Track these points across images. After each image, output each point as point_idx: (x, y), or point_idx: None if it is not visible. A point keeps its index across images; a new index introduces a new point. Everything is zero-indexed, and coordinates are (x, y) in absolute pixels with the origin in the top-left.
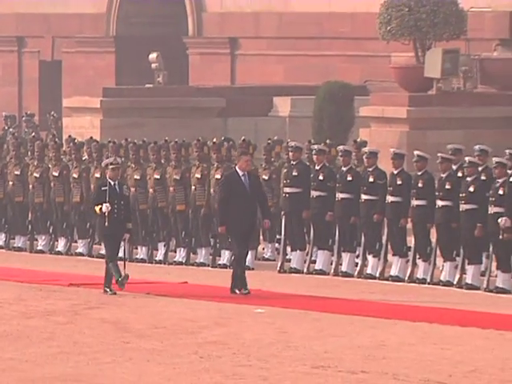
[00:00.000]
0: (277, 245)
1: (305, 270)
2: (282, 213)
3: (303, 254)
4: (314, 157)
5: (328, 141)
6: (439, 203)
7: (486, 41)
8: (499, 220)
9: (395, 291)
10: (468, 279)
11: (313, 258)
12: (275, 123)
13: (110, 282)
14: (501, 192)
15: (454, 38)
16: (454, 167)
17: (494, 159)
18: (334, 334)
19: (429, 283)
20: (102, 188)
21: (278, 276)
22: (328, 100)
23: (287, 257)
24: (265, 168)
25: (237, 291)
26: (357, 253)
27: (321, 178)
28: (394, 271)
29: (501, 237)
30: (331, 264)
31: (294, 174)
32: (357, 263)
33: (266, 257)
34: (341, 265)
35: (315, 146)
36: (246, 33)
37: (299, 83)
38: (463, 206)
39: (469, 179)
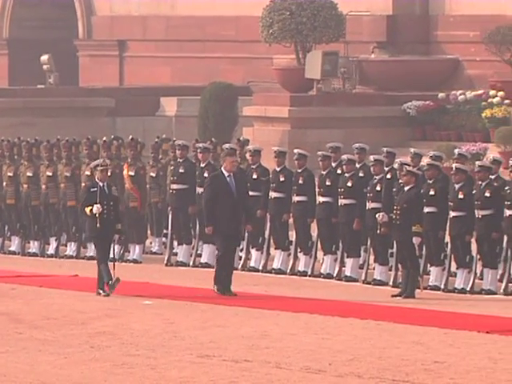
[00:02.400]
0: (164, 239)
1: (191, 264)
2: (169, 208)
3: (189, 248)
4: (200, 155)
5: (213, 139)
6: (320, 199)
7: (364, 43)
8: (377, 215)
9: (277, 283)
10: (347, 272)
11: (198, 252)
12: (162, 122)
13: (103, 283)
14: (378, 188)
15: (333, 41)
16: (334, 164)
17: (372, 157)
18: (218, 324)
19: (310, 275)
20: (92, 189)
21: (166, 269)
22: (213, 100)
23: (174, 251)
24: (152, 165)
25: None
26: (241, 246)
27: (206, 174)
28: (276, 264)
29: (378, 231)
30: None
31: (181, 171)
32: (241, 256)
33: (154, 250)
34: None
35: (200, 145)
36: (134, 36)
37: (185, 84)
38: (342, 201)
39: (347, 175)
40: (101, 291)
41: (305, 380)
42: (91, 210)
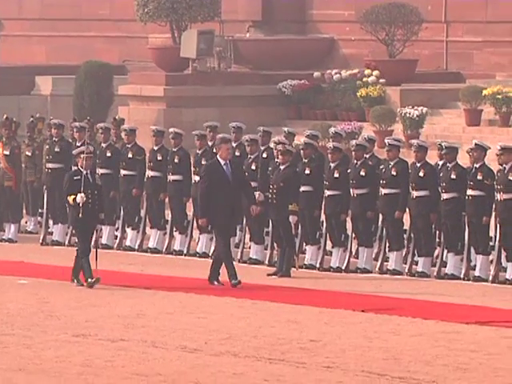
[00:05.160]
0: (39, 218)
1: (66, 243)
2: (45, 187)
3: (65, 227)
4: (76, 134)
5: (89, 118)
6: (195, 178)
7: (240, 22)
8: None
9: (153, 262)
10: None
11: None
12: (37, 101)
13: (79, 273)
14: (253, 167)
15: (208, 20)
16: (210, 143)
17: (247, 136)
18: (94, 303)
19: (185, 255)
20: (75, 178)
21: (41, 248)
22: (88, 79)
23: (49, 230)
24: (28, 144)
25: (215, 282)
26: (116, 226)
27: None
28: (152, 243)
29: None
30: None
31: (57, 150)
32: (117, 236)
33: (29, 230)
34: (101, 237)
35: (77, 124)
36: (9, 14)
37: (60, 63)
38: None
39: None
40: (75, 280)
41: (180, 359)
42: (74, 198)
